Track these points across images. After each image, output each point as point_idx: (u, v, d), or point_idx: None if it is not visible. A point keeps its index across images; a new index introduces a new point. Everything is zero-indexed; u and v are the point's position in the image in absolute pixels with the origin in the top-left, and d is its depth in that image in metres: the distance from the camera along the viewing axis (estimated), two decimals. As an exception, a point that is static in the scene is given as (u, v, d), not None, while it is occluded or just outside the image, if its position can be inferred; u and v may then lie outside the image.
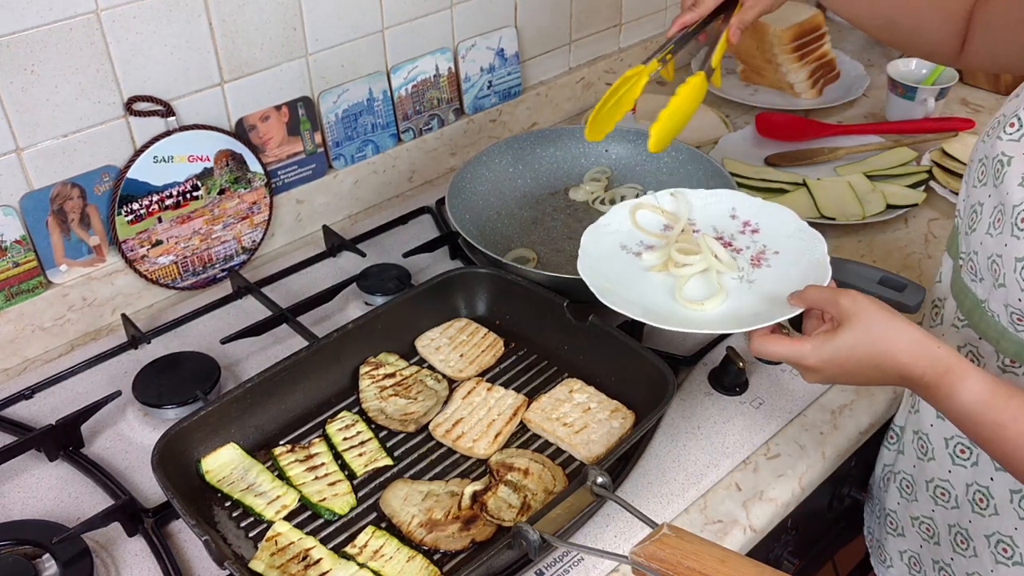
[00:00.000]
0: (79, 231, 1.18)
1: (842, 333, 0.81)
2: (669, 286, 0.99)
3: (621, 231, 1.06)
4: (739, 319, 0.93)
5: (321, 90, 1.34)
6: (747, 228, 1.05)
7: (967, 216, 0.92)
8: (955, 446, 0.99)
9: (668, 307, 0.96)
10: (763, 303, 0.94)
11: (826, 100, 1.73)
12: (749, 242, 1.03)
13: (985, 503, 0.97)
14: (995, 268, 0.86)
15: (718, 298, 0.96)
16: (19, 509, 0.99)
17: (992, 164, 0.86)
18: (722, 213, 1.07)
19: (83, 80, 1.11)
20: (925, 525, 1.08)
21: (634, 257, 1.03)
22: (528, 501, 0.93)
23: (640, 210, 1.07)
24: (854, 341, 0.81)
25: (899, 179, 1.48)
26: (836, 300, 0.83)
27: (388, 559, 0.89)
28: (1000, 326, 0.88)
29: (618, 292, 0.96)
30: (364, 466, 0.99)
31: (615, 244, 1.05)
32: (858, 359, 0.81)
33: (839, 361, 0.82)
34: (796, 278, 0.95)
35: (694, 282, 0.99)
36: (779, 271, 0.99)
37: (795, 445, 1.06)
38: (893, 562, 1.16)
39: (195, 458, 0.98)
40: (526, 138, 1.41)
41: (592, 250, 1.02)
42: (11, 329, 1.16)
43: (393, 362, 1.11)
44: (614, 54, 1.75)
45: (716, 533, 0.97)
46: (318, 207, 1.41)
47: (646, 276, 1.01)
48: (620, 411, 1.03)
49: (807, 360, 0.83)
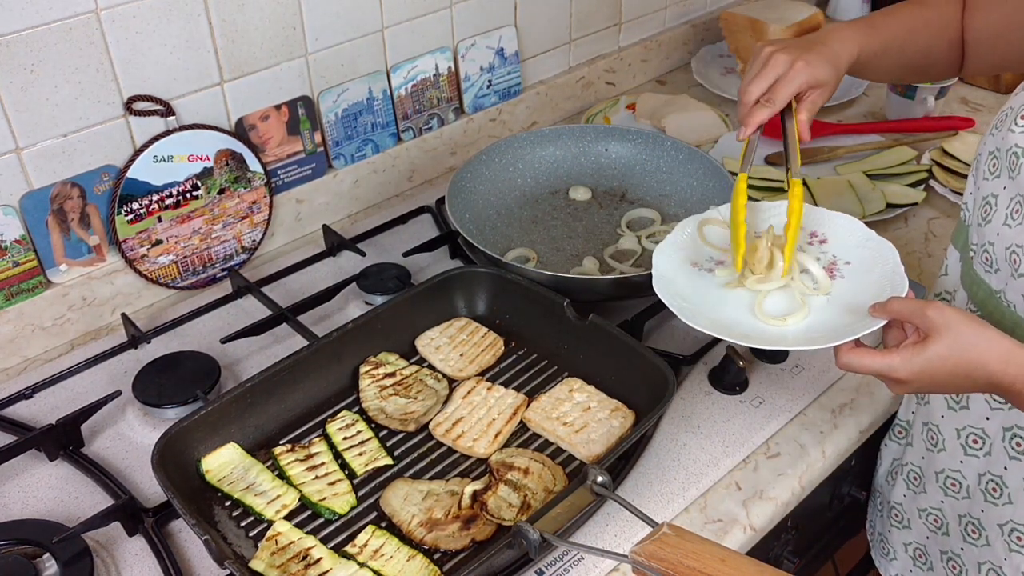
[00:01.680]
0: (79, 231, 1.18)
1: (932, 345, 0.81)
2: (747, 301, 0.97)
3: (689, 248, 1.04)
4: (823, 333, 0.91)
5: (321, 89, 1.34)
6: (814, 239, 1.03)
7: (978, 209, 0.92)
8: (967, 436, 1.00)
9: (750, 324, 0.94)
10: (843, 315, 0.93)
11: (826, 99, 1.73)
12: (819, 253, 1.01)
13: (999, 492, 0.98)
14: (1014, 259, 0.87)
15: (800, 313, 0.93)
16: (19, 509, 0.99)
17: (1006, 156, 0.88)
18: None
19: (83, 80, 1.11)
20: (933, 516, 1.08)
21: (707, 273, 1.01)
22: (528, 500, 0.93)
23: (707, 225, 1.05)
24: (946, 352, 0.81)
25: (899, 178, 1.48)
26: (923, 312, 0.82)
27: (388, 558, 0.89)
28: (1016, 315, 0.90)
29: (699, 311, 0.94)
30: (364, 465, 0.99)
31: (685, 261, 1.02)
32: (949, 370, 0.81)
33: (930, 372, 0.82)
34: (872, 288, 0.93)
35: (773, 296, 0.97)
36: (854, 282, 0.97)
37: (795, 444, 1.06)
38: (897, 555, 1.17)
39: (195, 458, 0.98)
40: (526, 138, 1.41)
41: (665, 270, 0.99)
42: (11, 329, 1.16)
43: (393, 361, 1.11)
44: (614, 53, 1.75)
45: (716, 532, 0.97)
46: (318, 206, 1.41)
47: (722, 293, 0.98)
48: (620, 410, 1.03)
49: (897, 373, 0.83)
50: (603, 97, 1.75)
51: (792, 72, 1.00)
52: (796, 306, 0.95)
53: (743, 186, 1.01)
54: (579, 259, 1.29)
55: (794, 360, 1.15)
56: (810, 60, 1.00)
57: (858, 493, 1.24)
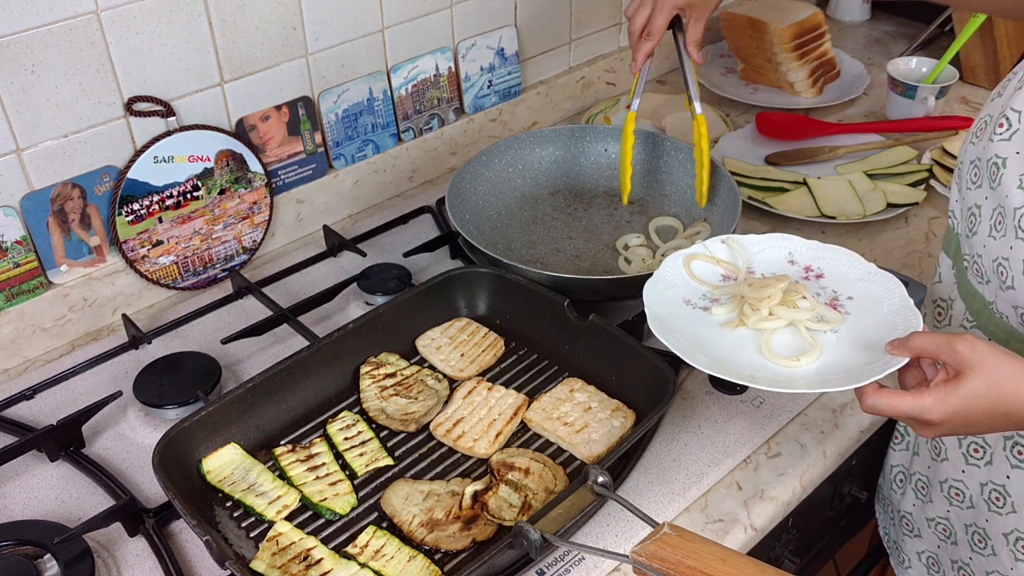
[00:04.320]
0: (80, 231, 1.18)
1: (967, 382, 0.75)
2: (752, 341, 0.92)
3: (679, 284, 1.00)
4: (838, 374, 0.86)
5: (321, 90, 1.34)
6: (810, 273, 0.99)
7: (964, 219, 0.91)
8: (968, 445, 0.99)
9: (759, 364, 0.89)
10: (856, 353, 0.88)
11: (826, 99, 1.73)
12: (817, 288, 0.97)
13: (1002, 501, 0.97)
14: (1001, 271, 0.86)
15: (814, 353, 0.88)
16: (20, 509, 0.99)
17: (987, 166, 0.86)
18: (779, 259, 1.01)
19: (83, 80, 1.11)
20: (941, 526, 1.08)
21: (703, 312, 0.97)
22: (529, 500, 0.93)
23: (694, 261, 1.02)
24: (983, 389, 0.75)
25: (899, 178, 1.48)
26: (952, 347, 0.76)
27: (389, 559, 0.89)
28: (1009, 327, 0.88)
29: (702, 351, 0.90)
30: (365, 466, 0.99)
31: (678, 300, 0.98)
32: (985, 408, 0.75)
33: (965, 412, 0.76)
34: (883, 324, 0.89)
35: (779, 334, 0.92)
36: (862, 318, 0.92)
37: (796, 444, 1.06)
38: (911, 563, 1.16)
39: (196, 458, 0.98)
40: (526, 138, 1.41)
41: (659, 311, 0.94)
42: (12, 329, 1.16)
43: (394, 362, 1.11)
44: (614, 53, 1.75)
45: (717, 532, 0.97)
46: (318, 207, 1.41)
47: (723, 332, 0.94)
48: (621, 410, 1.03)
49: (931, 415, 0.76)
50: (603, 97, 1.75)
51: (659, 1, 1.12)
52: (805, 345, 0.90)
53: (632, 127, 1.13)
54: (579, 259, 1.29)
55: (795, 360, 1.15)
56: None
57: (859, 493, 1.24)
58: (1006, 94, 0.87)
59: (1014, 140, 0.83)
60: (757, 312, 0.93)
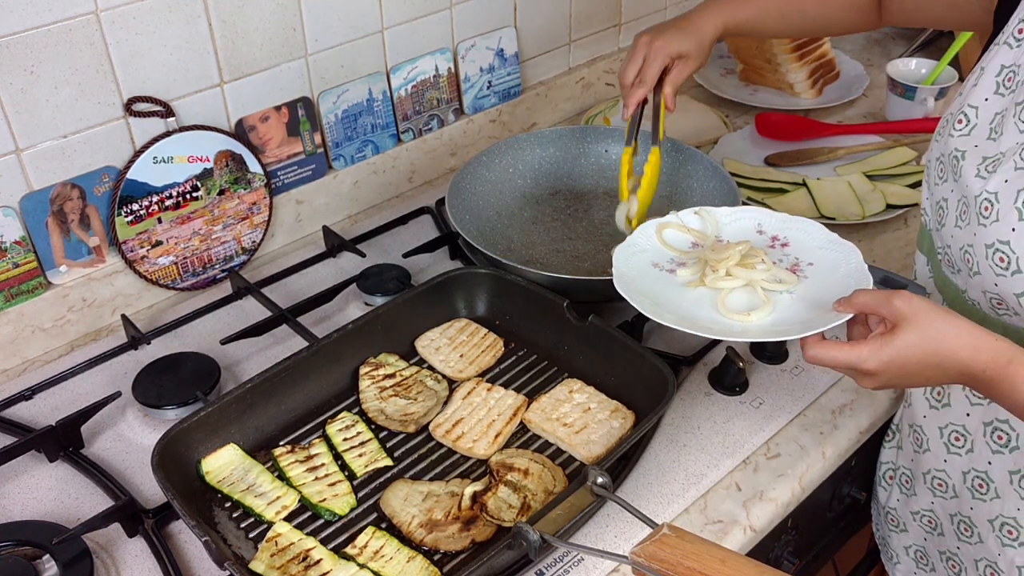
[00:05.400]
0: (79, 232, 1.18)
1: (900, 335, 0.79)
2: (709, 299, 0.97)
3: (649, 250, 1.05)
4: (787, 328, 0.91)
5: (321, 90, 1.34)
6: (776, 242, 1.03)
7: (934, 214, 0.94)
8: (949, 434, 1.00)
9: (713, 318, 0.94)
10: (808, 311, 0.92)
11: (826, 100, 1.73)
12: (780, 255, 1.02)
13: (985, 488, 0.98)
14: (968, 258, 0.88)
15: (765, 309, 0.93)
16: (19, 510, 0.99)
17: (949, 160, 0.90)
18: (748, 229, 1.05)
19: (83, 81, 1.11)
20: (927, 518, 1.08)
21: (668, 274, 1.01)
22: (528, 501, 0.93)
23: (666, 229, 1.06)
24: (915, 341, 0.79)
25: (899, 179, 1.48)
26: (889, 302, 0.80)
27: (388, 559, 0.89)
28: (981, 312, 0.91)
29: (663, 307, 0.95)
30: (364, 466, 0.99)
31: (646, 263, 1.03)
32: (919, 360, 0.79)
33: (900, 363, 0.80)
34: (837, 286, 0.93)
35: (736, 293, 0.97)
36: (818, 281, 0.97)
37: (795, 445, 1.06)
38: (900, 559, 1.17)
39: (195, 459, 0.98)
40: (526, 138, 1.41)
41: (625, 270, 1.00)
42: (11, 330, 1.16)
43: (393, 362, 1.11)
44: (614, 54, 1.75)
45: (716, 533, 0.97)
46: (318, 207, 1.41)
47: (684, 291, 0.99)
48: (620, 411, 1.03)
49: (866, 364, 0.80)
50: (603, 98, 1.75)
51: (652, 52, 1.17)
52: (759, 303, 0.95)
53: (627, 158, 1.22)
54: (579, 259, 1.29)
55: (794, 361, 1.15)
56: (670, 38, 1.17)
57: (858, 494, 1.24)
58: (965, 92, 0.91)
59: (972, 134, 0.88)
60: (716, 272, 0.98)
